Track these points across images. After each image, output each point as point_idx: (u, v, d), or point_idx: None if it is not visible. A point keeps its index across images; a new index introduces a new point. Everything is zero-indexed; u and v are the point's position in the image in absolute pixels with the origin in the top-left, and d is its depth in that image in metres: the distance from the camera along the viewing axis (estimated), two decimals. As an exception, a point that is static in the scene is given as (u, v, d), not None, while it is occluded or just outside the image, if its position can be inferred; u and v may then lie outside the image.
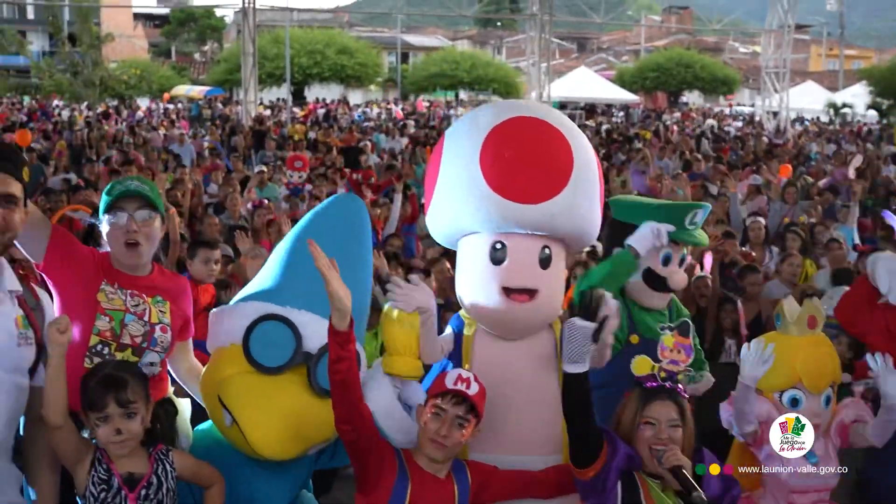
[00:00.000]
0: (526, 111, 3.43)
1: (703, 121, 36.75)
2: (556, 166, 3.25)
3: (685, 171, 13.65)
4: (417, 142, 20.51)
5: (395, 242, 8.23)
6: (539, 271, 3.31)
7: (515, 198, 3.21)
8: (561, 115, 3.59)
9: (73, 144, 21.65)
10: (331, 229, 3.45)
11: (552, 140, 3.29)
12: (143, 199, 3.29)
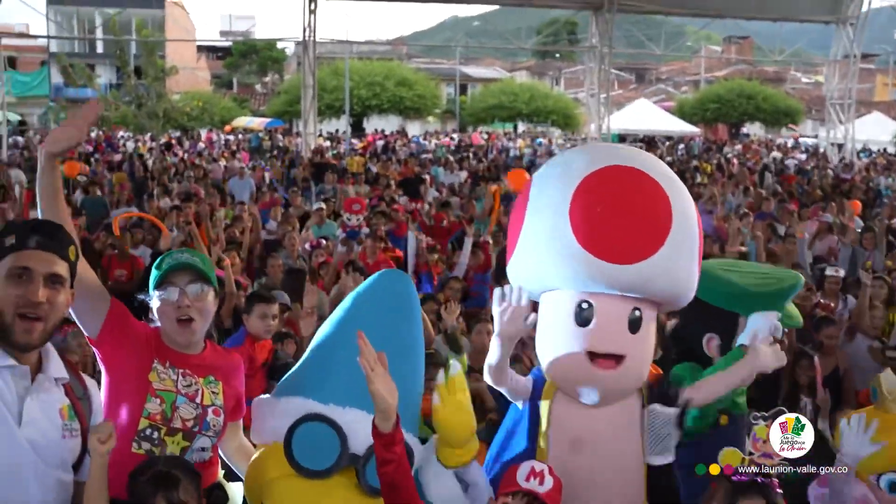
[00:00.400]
0: (622, 159, 3.14)
1: (767, 153, 36.13)
2: (654, 223, 2.97)
3: (752, 210, 13.27)
4: (477, 176, 20.35)
5: (454, 285, 7.97)
6: (628, 335, 3.04)
7: (607, 257, 2.95)
8: (659, 163, 3.28)
9: (136, 177, 21.99)
10: (377, 312, 3.18)
11: (650, 193, 3.01)
12: (194, 271, 3.14)
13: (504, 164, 26.77)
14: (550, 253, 3.05)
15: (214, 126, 42.88)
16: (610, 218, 2.95)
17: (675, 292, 3.10)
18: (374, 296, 3.29)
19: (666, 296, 3.10)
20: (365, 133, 44.97)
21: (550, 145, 38.19)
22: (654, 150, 37.48)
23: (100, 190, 16.58)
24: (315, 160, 25.41)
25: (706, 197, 13.37)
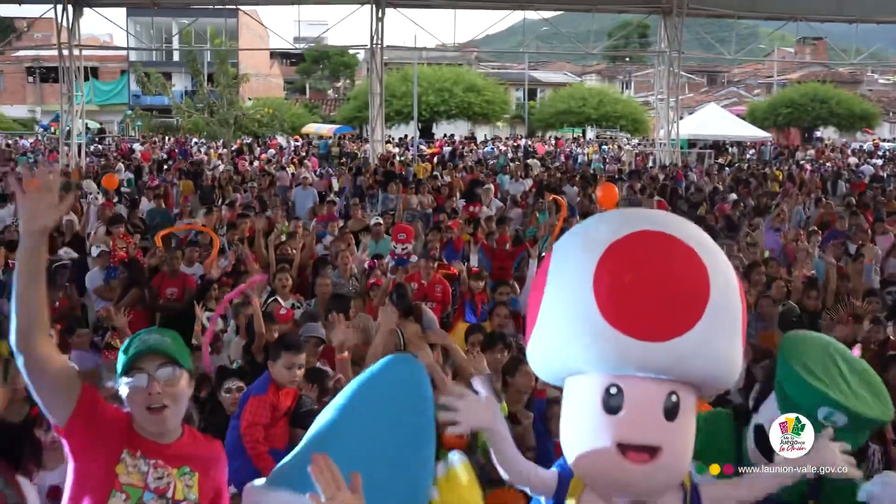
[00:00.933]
0: (652, 224, 2.74)
1: (842, 158, 35.20)
2: (689, 294, 2.58)
3: (823, 228, 12.82)
4: (542, 185, 20.10)
5: (476, 337, 7.50)
6: (663, 423, 2.65)
7: (637, 334, 2.56)
8: (693, 227, 2.87)
9: (203, 185, 22.33)
10: (381, 401, 2.93)
11: (684, 261, 2.63)
12: (164, 355, 2.91)
13: (571, 171, 26.52)
14: (573, 330, 2.68)
15: (285, 132, 43.47)
16: (639, 289, 2.58)
17: (715, 373, 2.72)
18: (380, 383, 3.01)
19: (706, 377, 2.72)
20: (434, 138, 45.12)
21: (619, 151, 37.77)
22: (724, 156, 36.86)
23: (165, 201, 16.82)
24: (382, 167, 25.49)
25: (773, 214, 12.92)
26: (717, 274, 2.67)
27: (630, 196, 18.27)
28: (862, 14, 30.38)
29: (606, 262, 2.66)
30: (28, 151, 37.49)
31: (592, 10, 30.05)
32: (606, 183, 14.58)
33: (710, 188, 21.14)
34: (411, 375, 3.02)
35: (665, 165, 28.09)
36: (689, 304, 2.58)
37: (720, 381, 2.78)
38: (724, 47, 34.29)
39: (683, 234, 2.74)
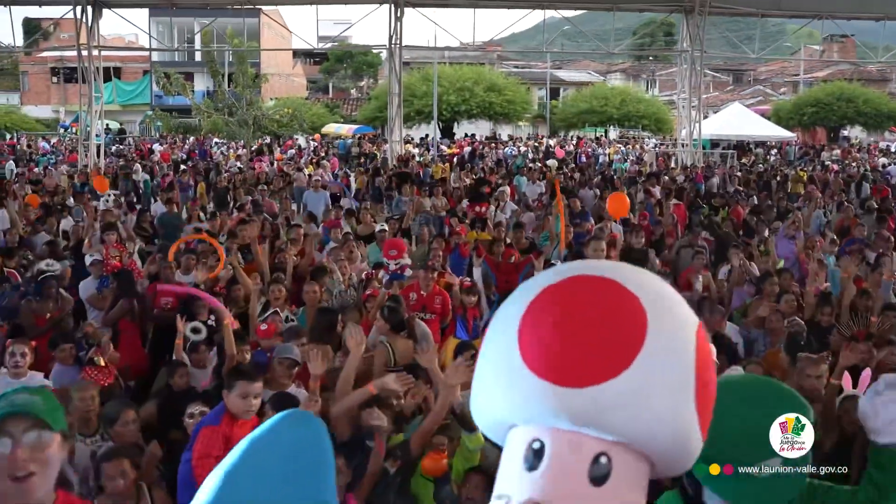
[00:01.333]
0: (594, 270, 2.34)
1: (870, 158, 34.52)
2: (618, 339, 2.14)
3: (842, 236, 12.39)
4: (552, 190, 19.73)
5: (468, 353, 7.47)
6: (586, 489, 2.17)
7: (554, 377, 2.13)
8: (649, 278, 2.43)
9: (218, 187, 22.17)
10: (272, 463, 2.52)
11: (619, 304, 2.23)
12: (31, 417, 2.61)
13: (591, 172, 26.11)
14: (496, 376, 2.31)
15: (304, 132, 43.35)
16: (562, 330, 2.24)
17: (647, 434, 2.25)
18: (272, 444, 2.64)
19: (636, 436, 2.27)
20: (455, 138, 44.88)
21: (642, 151, 37.30)
22: (748, 156, 36.29)
23: (176, 205, 16.65)
24: (398, 169, 25.24)
25: (788, 221, 12.48)
26: (660, 322, 2.26)
27: (647, 200, 17.92)
28: (889, 11, 29.79)
29: (535, 305, 2.32)
30: (48, 153, 37.63)
31: (613, 8, 29.66)
32: (616, 193, 13.99)
33: (731, 190, 20.76)
34: (307, 435, 2.68)
35: (687, 167, 27.64)
36: (617, 350, 2.20)
37: (665, 447, 2.36)
38: (750, 45, 33.76)
39: (631, 281, 2.33)
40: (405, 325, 7.29)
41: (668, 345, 2.21)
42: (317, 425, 2.64)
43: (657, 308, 2.25)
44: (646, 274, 2.46)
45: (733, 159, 33.96)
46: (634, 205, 16.79)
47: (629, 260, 9.91)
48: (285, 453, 2.52)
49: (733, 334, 7.50)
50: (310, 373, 5.20)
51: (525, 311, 2.25)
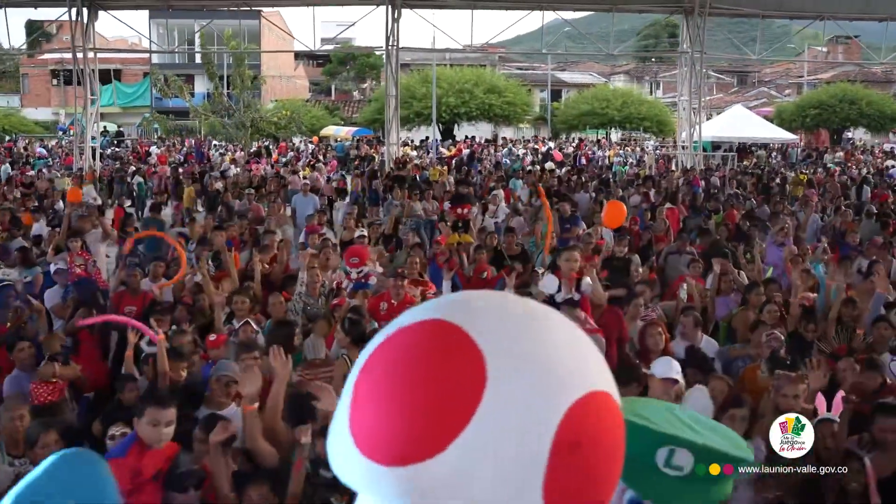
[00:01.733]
0: (444, 312, 1.62)
1: (874, 160, 34.07)
2: (447, 402, 1.53)
3: (835, 244, 11.98)
4: (549, 192, 19.38)
5: None
6: None
7: (372, 452, 1.54)
8: (502, 321, 1.59)
9: (209, 190, 21.90)
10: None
11: (453, 356, 1.57)
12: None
13: (589, 174, 25.75)
14: (332, 445, 1.91)
15: (302, 135, 43.11)
16: (385, 393, 1.63)
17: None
18: (49, 483, 2.40)
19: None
20: (455, 140, 44.57)
21: (642, 154, 36.93)
22: (749, 158, 35.89)
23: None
24: (395, 171, 24.95)
25: (776, 228, 12.08)
26: (502, 378, 1.58)
27: (643, 204, 17.58)
28: (893, 12, 29.41)
29: (373, 359, 1.86)
30: (44, 157, 37.44)
31: (613, 9, 29.35)
32: (614, 201, 13.54)
33: (729, 193, 20.42)
34: (85, 474, 2.41)
35: (687, 169, 27.30)
36: (444, 419, 1.61)
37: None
38: (754, 47, 33.39)
39: (475, 326, 1.63)
40: (367, 338, 6.97)
41: (507, 418, 1.49)
42: (95, 464, 2.35)
43: (504, 367, 1.48)
44: (512, 320, 1.68)
45: (733, 162, 33.55)
46: (629, 209, 16.45)
47: (611, 268, 9.60)
48: (60, 495, 2.26)
49: (710, 349, 7.16)
50: (243, 397, 4.85)
51: (363, 365, 1.71)
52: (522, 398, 1.56)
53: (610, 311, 7.40)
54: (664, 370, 5.32)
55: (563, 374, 1.58)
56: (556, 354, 1.61)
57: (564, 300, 6.80)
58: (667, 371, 5.31)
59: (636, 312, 7.67)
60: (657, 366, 5.43)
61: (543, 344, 1.65)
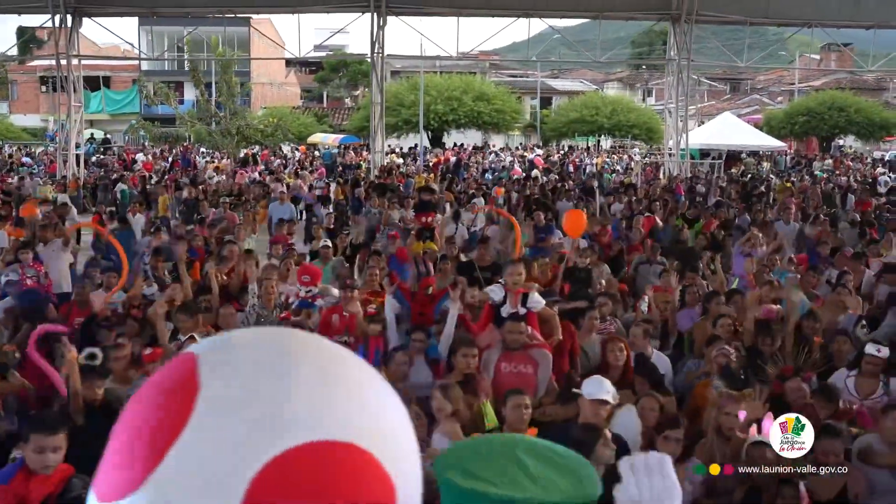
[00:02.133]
0: (199, 348, 1.36)
1: (863, 168, 33.93)
2: (149, 436, 1.25)
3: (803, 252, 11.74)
4: (529, 200, 19.21)
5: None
6: None
7: (95, 489, 1.27)
8: (237, 359, 1.10)
9: (187, 199, 21.71)
10: None
11: (173, 387, 1.28)
12: None
13: (569, 182, 25.59)
14: None
15: (289, 142, 42.92)
16: (122, 427, 1.27)
17: None
18: None
19: None
20: (445, 148, 44.44)
21: (629, 161, 36.78)
22: (737, 166, 35.74)
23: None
24: (378, 180, 24.77)
25: (743, 238, 11.84)
26: (208, 419, 1.19)
27: (624, 212, 17.40)
28: (880, 19, 29.34)
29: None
30: (28, 164, 37.29)
31: (599, 16, 29.24)
32: (572, 210, 13.09)
33: (715, 201, 20.26)
34: None
35: (672, 177, 27.18)
36: (143, 452, 1.21)
37: None
38: (750, 53, 33.31)
39: (205, 356, 1.27)
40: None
41: (199, 460, 1.01)
42: None
43: (214, 404, 0.99)
44: (252, 358, 1.18)
45: (720, 170, 33.40)
46: (609, 218, 16.25)
47: (572, 280, 9.39)
48: None
49: (660, 364, 6.96)
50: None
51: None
52: (220, 441, 1.26)
53: (561, 325, 7.20)
54: (594, 390, 5.14)
55: (279, 420, 1.32)
56: (279, 398, 1.33)
57: (509, 314, 6.62)
58: (597, 391, 5.13)
59: (591, 326, 7.47)
60: (587, 386, 5.25)
61: (272, 387, 1.37)
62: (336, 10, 29.94)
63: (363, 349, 6.70)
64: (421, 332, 7.02)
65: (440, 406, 5.38)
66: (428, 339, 6.98)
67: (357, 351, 6.71)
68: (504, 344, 6.49)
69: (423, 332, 7.05)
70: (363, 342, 6.77)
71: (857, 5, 29.05)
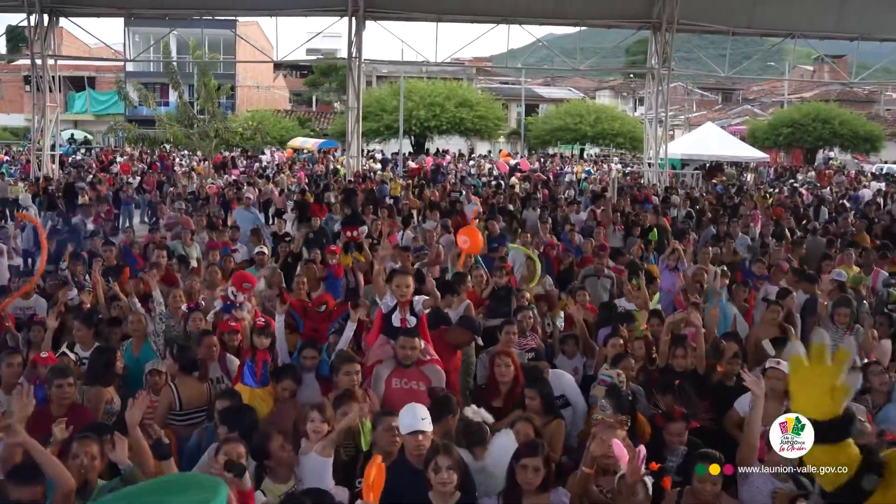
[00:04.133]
0: None
1: (847, 181, 33.69)
2: None
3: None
4: (493, 208, 18.85)
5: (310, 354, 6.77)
6: None
7: None
8: None
9: (153, 202, 21.46)
10: None
11: None
12: None
13: (543, 192, 25.21)
14: None
15: (269, 146, 42.58)
16: None
17: None
18: None
19: None
20: (427, 153, 44.12)
21: (609, 171, 36.41)
22: (718, 176, 35.46)
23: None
24: (349, 186, 24.38)
25: (668, 252, 11.41)
26: None
27: (587, 222, 17.09)
28: (861, 31, 29.15)
29: None
30: (6, 162, 36.99)
31: (580, 24, 29.02)
32: (466, 227, 12.50)
33: (683, 213, 19.98)
34: None
35: (641, 186, 26.91)
36: None
37: None
38: (743, 63, 33.07)
39: None
40: (197, 366, 6.52)
41: None
42: None
43: None
44: None
45: (696, 181, 33.11)
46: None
47: (496, 299, 9.06)
48: None
49: (561, 379, 6.65)
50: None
51: None
52: None
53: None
54: (408, 422, 4.83)
55: None
56: None
57: (399, 326, 6.33)
58: (412, 423, 4.81)
59: (508, 340, 7.14)
60: (401, 420, 4.91)
61: None
62: (314, 14, 29.67)
63: (250, 363, 6.37)
64: (312, 348, 6.73)
65: (315, 427, 5.09)
66: (319, 356, 6.69)
67: (244, 364, 6.44)
68: (396, 360, 6.20)
69: (315, 348, 6.76)
70: (251, 356, 6.44)
71: (840, 17, 28.82)
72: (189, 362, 6.48)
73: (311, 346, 6.76)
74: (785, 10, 28.76)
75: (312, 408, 5.22)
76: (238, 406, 5.55)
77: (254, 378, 6.26)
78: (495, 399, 6.22)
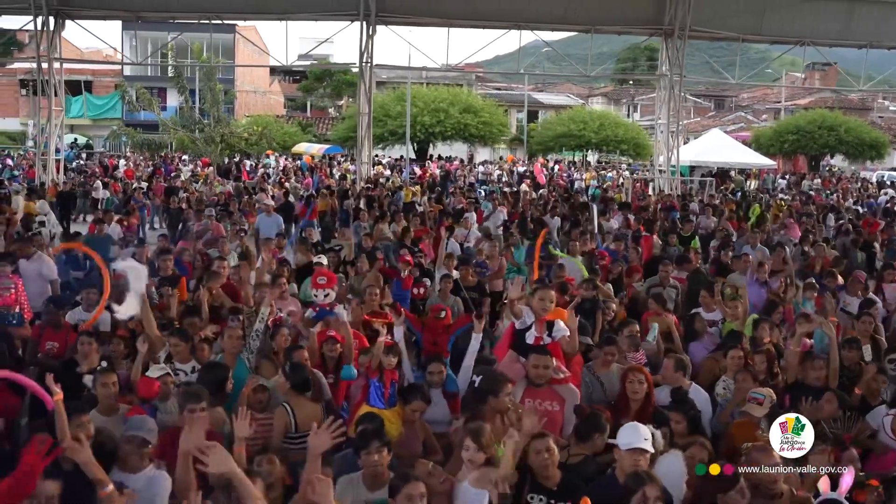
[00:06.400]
0: None
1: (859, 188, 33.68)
2: None
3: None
4: (523, 216, 18.70)
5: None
6: None
7: None
8: None
9: (171, 208, 21.09)
10: None
11: None
12: None
13: (560, 196, 25.05)
14: None
15: (273, 151, 42.25)
16: None
17: None
18: None
19: None
20: (432, 159, 43.94)
21: (617, 177, 36.36)
22: (727, 184, 35.39)
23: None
24: (365, 192, 24.07)
25: (755, 265, 11.11)
26: None
27: (621, 231, 16.89)
28: (872, 39, 29.21)
29: None
30: (9, 167, 36.53)
31: (592, 30, 28.87)
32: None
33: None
34: None
35: (665, 194, 26.78)
36: None
37: None
38: (732, 71, 32.97)
39: None
40: (310, 385, 6.22)
41: None
42: None
43: None
44: None
45: (711, 188, 33.04)
46: (604, 235, 15.73)
47: (581, 313, 8.79)
48: None
49: (698, 398, 6.40)
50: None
51: None
52: None
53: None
54: (630, 440, 4.64)
55: None
56: None
57: (534, 343, 6.08)
58: (633, 440, 4.62)
59: (607, 359, 6.89)
60: (622, 436, 4.74)
61: None
62: (325, 19, 29.35)
63: (377, 384, 6.07)
64: (438, 362, 6.44)
65: (470, 457, 4.79)
66: (445, 371, 6.40)
67: (370, 385, 6.16)
68: (528, 379, 5.93)
69: (440, 362, 6.46)
70: (377, 376, 6.13)
71: (849, 24, 28.87)
72: (302, 382, 6.17)
73: (437, 360, 6.47)
74: (794, 18, 28.81)
75: (467, 433, 4.91)
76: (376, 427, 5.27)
77: (381, 399, 5.97)
78: (625, 416, 5.99)
